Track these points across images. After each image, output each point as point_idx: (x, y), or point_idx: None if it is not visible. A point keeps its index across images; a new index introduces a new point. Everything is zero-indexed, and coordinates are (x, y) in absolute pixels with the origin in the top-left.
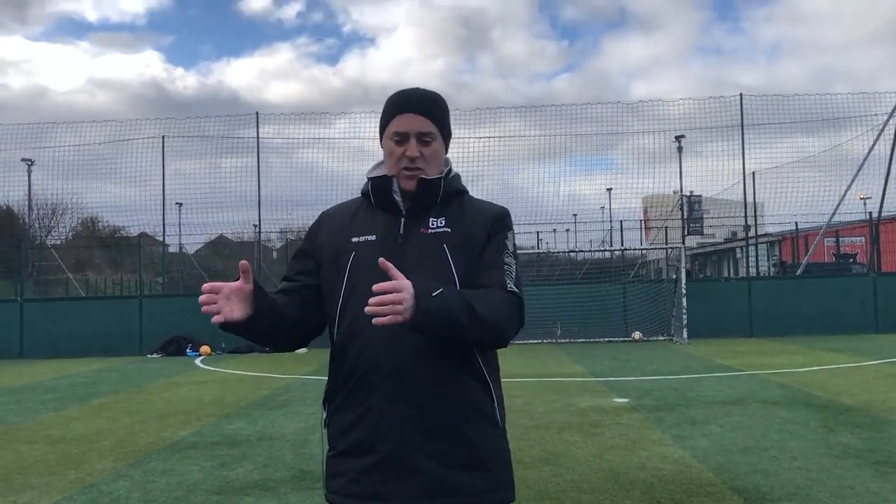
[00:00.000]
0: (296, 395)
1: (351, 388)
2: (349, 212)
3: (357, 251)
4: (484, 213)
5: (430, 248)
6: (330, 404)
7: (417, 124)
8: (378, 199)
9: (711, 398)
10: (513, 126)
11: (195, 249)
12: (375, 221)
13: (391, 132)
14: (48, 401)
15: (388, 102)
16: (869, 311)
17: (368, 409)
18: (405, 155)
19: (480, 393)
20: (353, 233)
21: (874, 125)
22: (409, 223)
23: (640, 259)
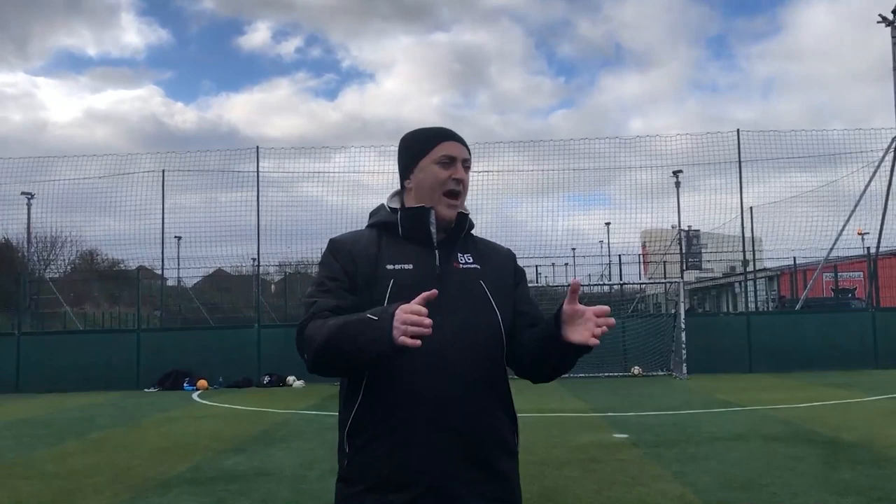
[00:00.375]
0: (294, 430)
1: (389, 418)
2: (369, 240)
3: (395, 279)
4: (500, 255)
5: (469, 284)
6: (357, 437)
7: (463, 152)
8: (410, 230)
9: (712, 434)
10: (510, 161)
11: (193, 283)
12: (407, 251)
13: (439, 155)
14: (44, 435)
15: (423, 134)
16: (868, 347)
17: (410, 438)
18: (452, 178)
19: (508, 425)
20: (385, 260)
21: (870, 161)
22: (441, 256)
23: (639, 293)
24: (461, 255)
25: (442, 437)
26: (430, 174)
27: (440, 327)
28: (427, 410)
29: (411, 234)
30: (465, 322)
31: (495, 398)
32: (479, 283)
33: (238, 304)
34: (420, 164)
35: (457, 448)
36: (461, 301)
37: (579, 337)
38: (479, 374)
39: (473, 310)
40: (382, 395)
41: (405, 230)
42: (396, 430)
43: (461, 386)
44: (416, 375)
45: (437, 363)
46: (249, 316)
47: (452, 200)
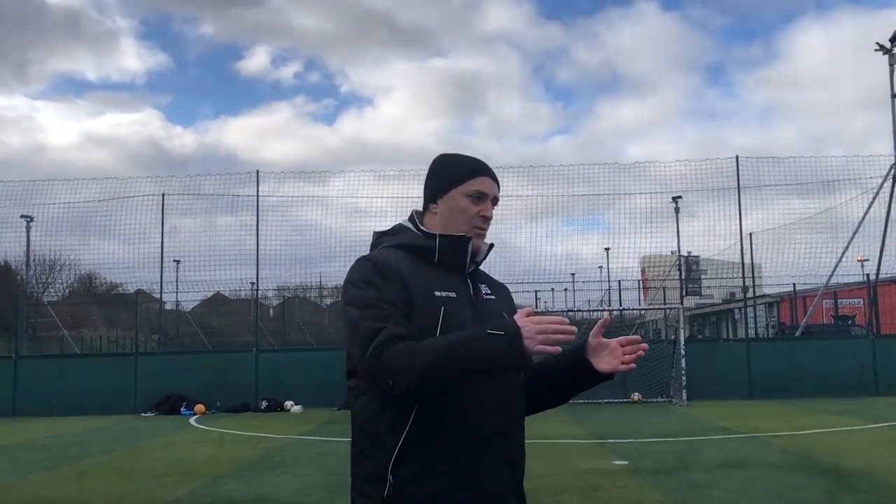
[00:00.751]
0: (291, 456)
1: (449, 451)
2: (406, 263)
3: (445, 306)
4: (502, 287)
5: (497, 313)
6: (404, 467)
7: (495, 189)
8: (446, 257)
9: (712, 461)
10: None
11: (191, 307)
12: (446, 278)
13: (472, 189)
14: (40, 460)
15: (461, 162)
16: (868, 374)
17: (474, 475)
18: (481, 215)
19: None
20: (432, 286)
21: (869, 188)
22: (472, 286)
23: (639, 319)
24: (481, 285)
25: (504, 474)
26: (460, 206)
27: None
28: (491, 445)
29: (445, 261)
30: None
31: (523, 425)
32: (502, 314)
33: (236, 329)
34: (451, 192)
35: (510, 481)
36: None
37: (607, 365)
38: (517, 402)
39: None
40: (447, 425)
41: (441, 256)
42: (460, 463)
43: (507, 416)
44: (482, 408)
45: (495, 395)
46: (247, 340)
47: (480, 231)
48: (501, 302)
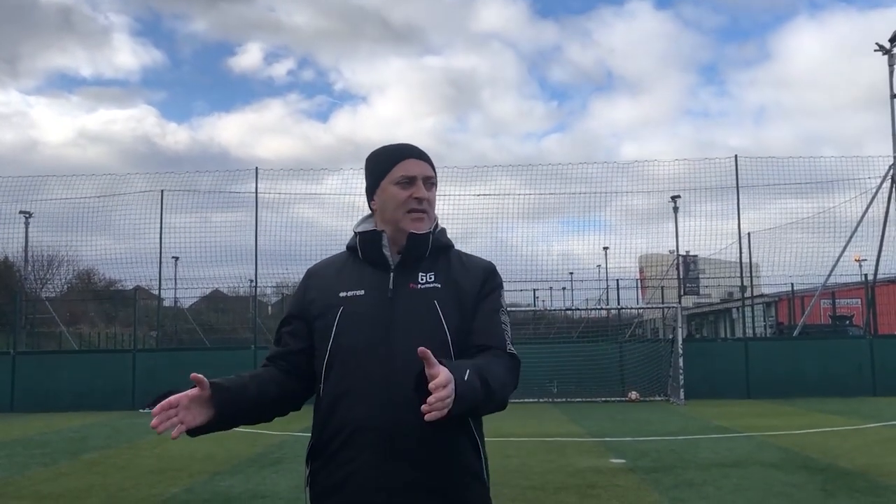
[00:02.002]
0: (289, 453)
1: (339, 446)
2: (336, 267)
3: (345, 306)
4: (473, 268)
5: (421, 304)
6: (314, 462)
7: (423, 169)
8: (366, 253)
9: (709, 460)
10: (504, 184)
11: (190, 304)
12: (364, 276)
13: (398, 176)
14: (38, 455)
15: (382, 154)
16: (866, 374)
17: (359, 467)
18: (413, 197)
19: (470, 452)
20: (340, 287)
21: (867, 188)
22: (398, 278)
23: (637, 318)
24: (423, 274)
25: (393, 466)
26: (391, 195)
27: (387, 355)
28: (374, 442)
29: (369, 258)
30: (413, 345)
31: (452, 422)
32: (432, 304)
33: (234, 326)
34: (381, 185)
35: (409, 477)
36: (412, 324)
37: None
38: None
39: (422, 331)
40: (334, 421)
41: (363, 254)
42: (347, 457)
43: (410, 413)
44: (364, 402)
45: (384, 388)
46: (246, 337)
47: (417, 214)
48: (448, 288)
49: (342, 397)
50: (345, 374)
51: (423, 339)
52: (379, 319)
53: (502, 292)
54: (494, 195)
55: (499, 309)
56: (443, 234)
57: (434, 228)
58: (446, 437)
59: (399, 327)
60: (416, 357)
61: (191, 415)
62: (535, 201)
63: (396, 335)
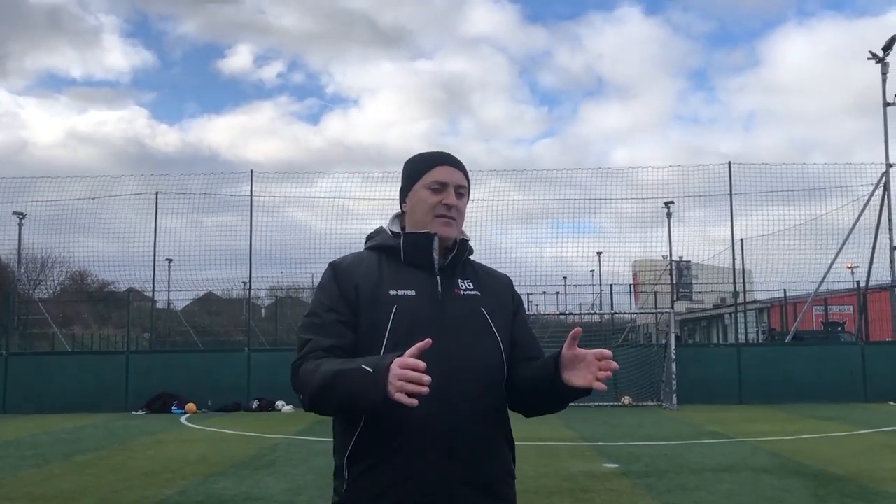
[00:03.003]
0: (283, 455)
1: (395, 446)
2: (370, 264)
3: (398, 305)
4: (498, 280)
5: (470, 310)
6: (356, 464)
7: (456, 177)
8: (411, 255)
9: (701, 465)
10: (496, 189)
11: (183, 306)
12: (409, 277)
13: (430, 181)
14: (30, 457)
15: (419, 158)
16: (858, 380)
17: (417, 467)
18: (443, 203)
19: (508, 452)
20: (388, 285)
21: (860, 195)
22: (442, 282)
23: (630, 323)
24: (461, 280)
25: (451, 466)
26: (421, 199)
27: (443, 354)
28: (435, 439)
29: (413, 260)
30: (467, 348)
31: (499, 424)
32: (479, 310)
33: (228, 328)
34: (414, 188)
35: (465, 476)
36: (464, 327)
37: (581, 381)
38: (483, 401)
39: (476, 336)
40: (387, 422)
41: (407, 255)
42: (403, 458)
43: (468, 414)
44: (422, 404)
45: (442, 390)
46: (239, 340)
47: (445, 219)
48: (489, 297)
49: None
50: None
51: (477, 342)
52: (434, 320)
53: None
54: (487, 200)
55: (527, 320)
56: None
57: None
58: (494, 437)
59: (452, 330)
60: (471, 359)
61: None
62: (527, 206)
63: (451, 337)
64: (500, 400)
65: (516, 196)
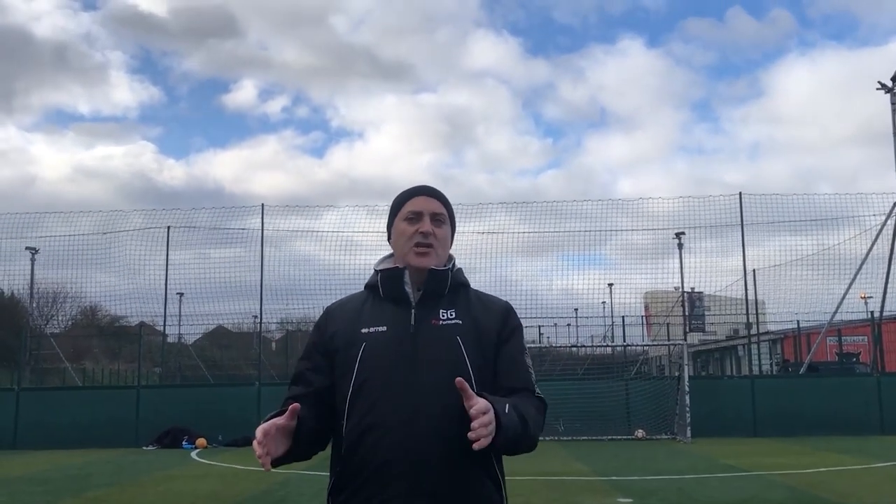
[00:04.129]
0: (293, 491)
1: (364, 481)
2: (356, 304)
3: (367, 342)
4: (492, 307)
5: (444, 340)
6: (337, 496)
7: (431, 206)
8: (387, 291)
9: (716, 499)
10: (502, 221)
11: (194, 340)
12: (385, 312)
13: (406, 212)
14: (40, 493)
15: (399, 195)
16: (874, 412)
17: (383, 501)
18: (419, 231)
19: (492, 489)
20: (362, 324)
21: (872, 225)
22: (419, 314)
23: (643, 355)
24: (444, 311)
25: (418, 499)
26: (400, 231)
27: (411, 388)
28: (402, 472)
29: (389, 295)
30: (437, 380)
31: (474, 459)
32: (455, 340)
33: (238, 362)
34: (394, 222)
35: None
36: (435, 359)
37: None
38: (452, 433)
39: (446, 368)
40: (358, 455)
41: (384, 290)
42: (373, 491)
43: (434, 446)
44: (388, 436)
45: (408, 424)
46: (250, 374)
47: (422, 249)
48: (470, 326)
49: (367, 432)
50: (369, 409)
51: (446, 374)
52: (402, 355)
53: (522, 332)
54: (495, 232)
55: (523, 351)
56: (460, 273)
57: (451, 266)
58: (469, 474)
59: (423, 363)
60: (441, 392)
61: (273, 445)
62: (534, 238)
63: (421, 370)
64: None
65: (524, 228)
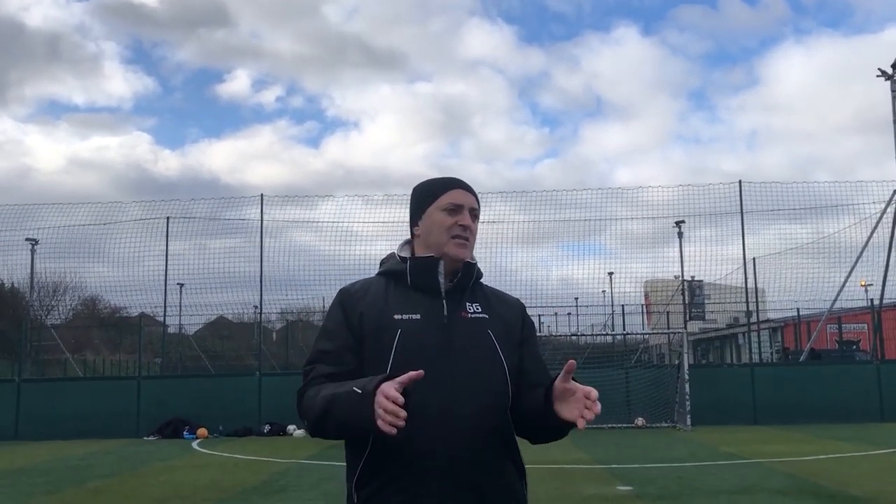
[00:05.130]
0: (293, 481)
1: (397, 472)
2: (378, 289)
3: (403, 329)
4: (509, 304)
5: (476, 333)
6: (364, 488)
7: (470, 200)
8: (418, 279)
9: (717, 487)
10: (500, 210)
11: (194, 330)
12: (415, 300)
13: (445, 203)
14: (42, 484)
15: (432, 183)
16: (874, 399)
17: (422, 491)
18: (458, 224)
19: (517, 478)
20: (393, 310)
21: (871, 213)
22: (449, 305)
23: (643, 344)
24: (469, 304)
25: (454, 491)
26: (437, 221)
27: (448, 377)
28: (440, 464)
29: (419, 284)
30: (473, 372)
31: (505, 449)
32: (487, 333)
33: (239, 352)
34: (427, 210)
35: (472, 502)
36: (469, 351)
37: (569, 414)
38: (489, 425)
39: (481, 360)
40: (393, 446)
41: (413, 279)
42: (408, 483)
43: (472, 438)
44: (427, 428)
45: (446, 415)
46: (250, 364)
47: (461, 241)
48: (497, 321)
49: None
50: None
51: (482, 366)
52: (438, 344)
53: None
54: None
55: (538, 347)
56: (478, 267)
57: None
58: (501, 463)
59: (458, 354)
60: (477, 384)
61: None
62: (532, 227)
63: (457, 361)
64: (506, 424)
65: (522, 217)
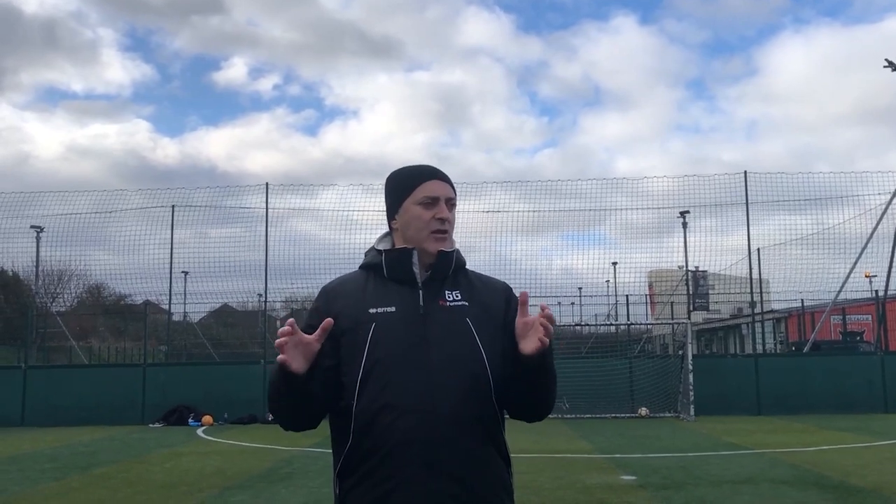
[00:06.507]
0: (299, 468)
1: (378, 461)
2: (356, 284)
3: (377, 322)
4: (493, 288)
5: (454, 321)
6: (347, 478)
7: (446, 191)
8: (393, 271)
9: (720, 477)
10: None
11: (199, 318)
12: (391, 293)
13: (421, 196)
14: (49, 470)
15: (405, 174)
16: (877, 391)
17: (401, 482)
18: (436, 217)
19: (502, 466)
20: (369, 304)
21: (876, 204)
22: (426, 295)
23: (646, 334)
24: (449, 292)
25: (437, 481)
26: (415, 216)
27: (425, 368)
28: (419, 453)
29: (395, 276)
30: (450, 360)
31: (487, 437)
32: (464, 321)
33: (244, 340)
34: (403, 205)
35: (453, 491)
36: (447, 340)
37: (530, 346)
38: (468, 413)
39: (459, 348)
40: (372, 435)
41: (389, 271)
42: (388, 473)
43: (451, 427)
44: (405, 416)
45: (424, 405)
46: (255, 352)
47: (440, 235)
48: (477, 307)
49: (380, 412)
50: (382, 389)
51: (459, 354)
52: (414, 335)
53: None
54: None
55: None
56: (460, 254)
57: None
58: (483, 451)
59: (434, 343)
60: (454, 372)
61: (291, 355)
62: (533, 217)
63: (432, 351)
64: (487, 412)
65: (523, 207)
